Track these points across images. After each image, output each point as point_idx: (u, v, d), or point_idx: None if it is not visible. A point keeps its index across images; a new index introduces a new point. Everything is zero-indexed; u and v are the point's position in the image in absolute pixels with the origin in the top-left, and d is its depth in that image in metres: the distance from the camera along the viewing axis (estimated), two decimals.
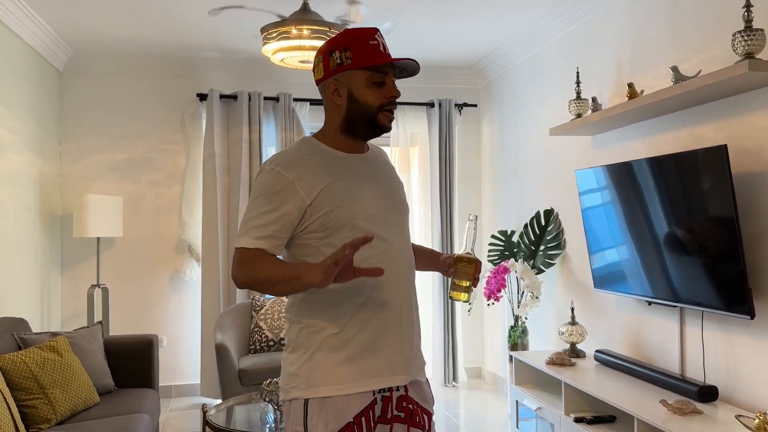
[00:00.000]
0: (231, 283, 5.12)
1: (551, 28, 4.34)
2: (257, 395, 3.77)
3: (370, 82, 1.60)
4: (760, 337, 2.66)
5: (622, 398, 2.89)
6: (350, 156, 1.67)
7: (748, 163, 2.72)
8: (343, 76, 1.61)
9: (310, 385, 1.57)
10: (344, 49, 1.60)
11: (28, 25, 4.19)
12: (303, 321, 1.61)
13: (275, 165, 1.58)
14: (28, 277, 4.34)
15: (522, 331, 4.46)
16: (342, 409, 1.55)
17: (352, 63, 1.59)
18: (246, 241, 1.56)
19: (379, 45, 1.60)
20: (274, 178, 1.57)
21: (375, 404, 1.59)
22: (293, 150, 1.64)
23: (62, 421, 3.11)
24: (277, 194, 1.55)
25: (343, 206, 1.57)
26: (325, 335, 1.58)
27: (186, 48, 5.00)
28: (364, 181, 1.64)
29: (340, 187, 1.59)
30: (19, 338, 3.34)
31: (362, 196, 1.62)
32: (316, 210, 1.56)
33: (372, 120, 1.62)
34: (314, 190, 1.56)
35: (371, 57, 1.58)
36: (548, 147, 4.51)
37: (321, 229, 1.57)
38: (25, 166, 4.29)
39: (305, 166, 1.59)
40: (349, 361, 1.57)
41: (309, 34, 3.47)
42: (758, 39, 2.43)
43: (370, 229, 1.59)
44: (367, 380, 1.58)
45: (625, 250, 3.33)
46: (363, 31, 1.62)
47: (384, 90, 1.61)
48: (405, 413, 1.63)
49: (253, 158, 5.20)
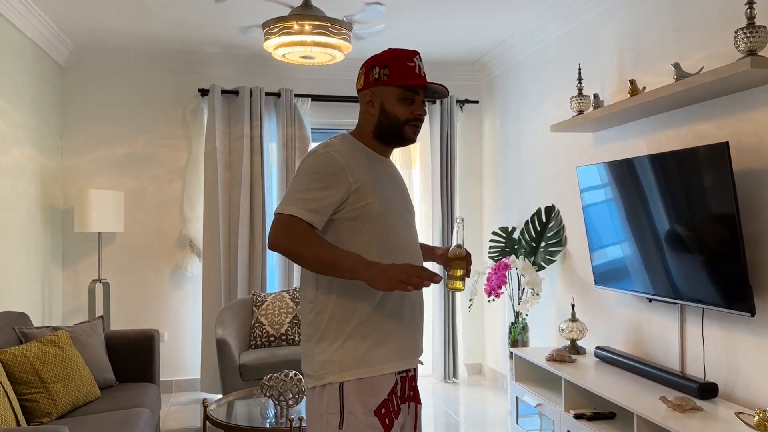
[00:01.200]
0: (232, 278, 5.13)
1: (553, 24, 4.33)
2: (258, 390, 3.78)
3: (401, 98, 1.79)
4: (760, 335, 2.66)
5: (622, 395, 2.89)
6: (380, 158, 1.86)
7: (749, 160, 2.71)
8: (378, 90, 1.80)
9: (344, 368, 1.70)
10: (383, 66, 1.79)
11: (30, 19, 4.19)
12: (331, 312, 1.74)
13: (329, 149, 1.74)
14: (29, 271, 4.35)
15: (522, 327, 4.46)
16: (377, 388, 1.71)
17: (389, 80, 1.78)
18: (296, 210, 1.67)
19: (416, 67, 1.80)
20: (328, 160, 1.72)
21: (397, 385, 1.77)
22: (341, 141, 1.80)
23: (63, 415, 3.12)
24: (329, 175, 1.70)
25: (378, 201, 1.75)
26: (354, 324, 1.72)
27: (188, 43, 5.00)
28: (391, 183, 1.85)
29: (377, 184, 1.77)
30: (21, 332, 3.35)
31: (390, 196, 1.81)
32: (358, 199, 1.72)
33: (399, 131, 1.81)
34: (359, 180, 1.72)
35: (406, 77, 1.78)
36: (550, 144, 4.50)
37: (353, 218, 1.73)
38: (26, 161, 4.29)
39: (353, 158, 1.76)
40: (376, 346, 1.73)
41: (310, 30, 3.47)
42: (761, 36, 2.43)
43: (394, 226, 1.78)
44: (394, 362, 1.75)
45: (626, 247, 3.33)
46: (404, 52, 1.81)
47: (413, 107, 1.80)
48: (414, 392, 1.86)
49: (255, 154, 5.20)
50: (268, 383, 3.35)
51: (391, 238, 1.78)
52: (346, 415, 1.68)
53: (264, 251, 5.19)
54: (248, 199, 5.18)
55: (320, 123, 5.56)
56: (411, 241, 1.86)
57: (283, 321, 4.64)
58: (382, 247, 1.74)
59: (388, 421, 1.71)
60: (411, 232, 1.88)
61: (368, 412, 1.68)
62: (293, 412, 3.35)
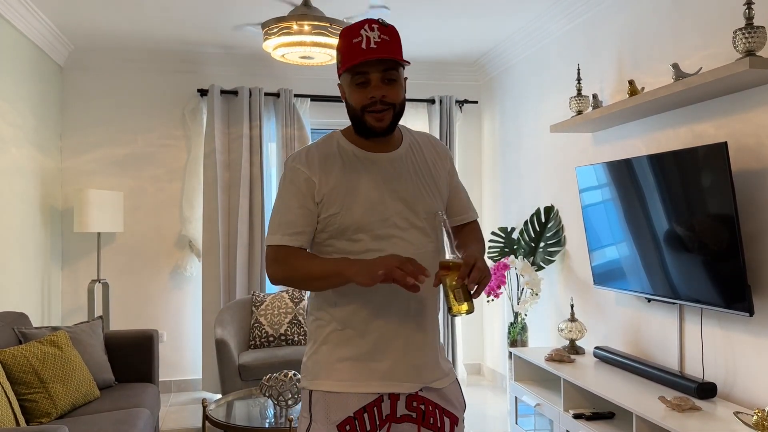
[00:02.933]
0: (231, 278, 5.13)
1: (553, 24, 4.34)
2: (257, 390, 3.78)
3: (354, 84, 1.55)
4: (759, 334, 2.66)
5: (621, 395, 2.90)
6: (372, 155, 1.62)
7: (748, 160, 2.72)
8: (342, 80, 1.61)
9: (313, 377, 1.61)
10: (338, 52, 1.60)
11: (29, 19, 4.19)
12: (315, 313, 1.66)
13: (295, 162, 1.61)
14: (28, 271, 4.35)
15: (521, 327, 4.47)
16: (342, 403, 1.56)
17: (341, 66, 1.57)
18: (276, 239, 1.58)
19: (362, 41, 1.50)
20: (293, 175, 1.59)
21: (381, 402, 1.57)
22: (314, 146, 1.64)
23: (62, 415, 3.12)
24: (298, 190, 1.58)
25: (349, 209, 1.55)
26: (330, 329, 1.61)
27: (187, 43, 5.00)
28: (380, 183, 1.59)
29: (350, 189, 1.57)
30: (20, 332, 3.35)
31: (374, 199, 1.57)
32: (324, 209, 1.57)
33: (360, 122, 1.58)
34: (325, 187, 1.57)
35: (349, 59, 1.53)
36: (549, 144, 4.51)
37: (326, 229, 1.58)
38: (25, 161, 4.29)
39: (322, 163, 1.59)
40: (351, 360, 1.58)
41: (310, 30, 3.47)
42: (759, 36, 2.43)
43: (378, 234, 1.56)
44: (368, 382, 1.57)
45: (624, 247, 3.33)
46: (352, 27, 1.55)
47: (367, 90, 1.54)
48: (417, 413, 1.60)
49: (254, 154, 5.20)
50: (267, 383, 3.35)
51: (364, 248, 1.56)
52: (313, 423, 1.58)
53: (263, 251, 5.19)
54: (247, 199, 5.18)
55: (319, 123, 5.57)
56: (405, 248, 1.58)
57: (282, 321, 4.64)
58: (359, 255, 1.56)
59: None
60: (409, 236, 1.59)
61: (332, 424, 1.55)
62: (292, 412, 3.35)
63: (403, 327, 1.59)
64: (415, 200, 1.61)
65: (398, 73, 1.56)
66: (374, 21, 1.54)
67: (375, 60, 1.50)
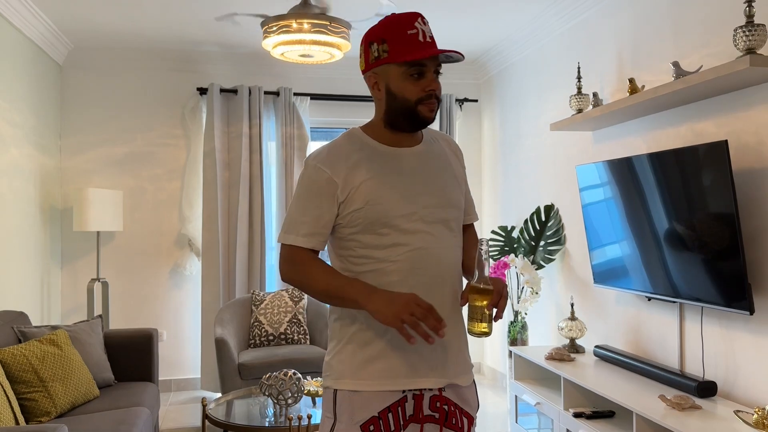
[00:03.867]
0: (231, 277, 5.12)
1: (553, 23, 4.33)
2: (257, 389, 3.78)
3: (407, 75, 1.53)
4: (759, 333, 2.66)
5: (621, 393, 2.89)
6: (395, 150, 1.61)
7: (748, 158, 2.71)
8: (381, 70, 1.56)
9: (338, 376, 1.59)
10: (381, 41, 1.54)
11: (29, 18, 4.19)
12: (337, 312, 1.64)
13: (316, 161, 1.58)
14: (28, 270, 4.34)
15: (522, 326, 4.46)
16: (367, 403, 1.56)
17: (389, 57, 1.53)
18: (293, 239, 1.57)
19: (419, 34, 1.52)
20: (315, 174, 1.57)
21: (405, 402, 1.57)
22: (336, 144, 1.62)
23: (62, 414, 3.12)
24: (319, 191, 1.55)
25: (376, 204, 1.54)
26: (355, 329, 1.59)
27: (186, 42, 4.99)
28: (406, 178, 1.59)
29: (376, 184, 1.55)
30: (19, 331, 3.34)
31: (400, 194, 1.56)
32: (347, 206, 1.55)
33: (412, 113, 1.56)
34: (349, 186, 1.54)
35: (408, 51, 1.51)
36: (549, 142, 4.50)
37: (351, 225, 1.56)
38: (25, 160, 4.29)
39: (345, 162, 1.57)
40: (376, 359, 1.56)
41: (309, 28, 3.47)
42: (760, 34, 2.43)
43: (409, 228, 1.55)
44: (392, 380, 1.56)
45: (625, 246, 3.33)
46: (402, 18, 1.54)
47: (423, 83, 1.54)
48: (439, 413, 1.59)
49: (254, 153, 5.20)
50: (267, 382, 3.35)
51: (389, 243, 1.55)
52: (337, 423, 1.57)
53: (263, 250, 5.18)
54: (247, 198, 5.18)
55: (319, 122, 5.56)
56: (432, 243, 1.58)
57: (282, 320, 4.64)
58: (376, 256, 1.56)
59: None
60: (437, 231, 1.59)
61: (356, 424, 1.55)
62: (292, 411, 3.34)
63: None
64: (441, 194, 1.62)
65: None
66: (421, 15, 1.56)
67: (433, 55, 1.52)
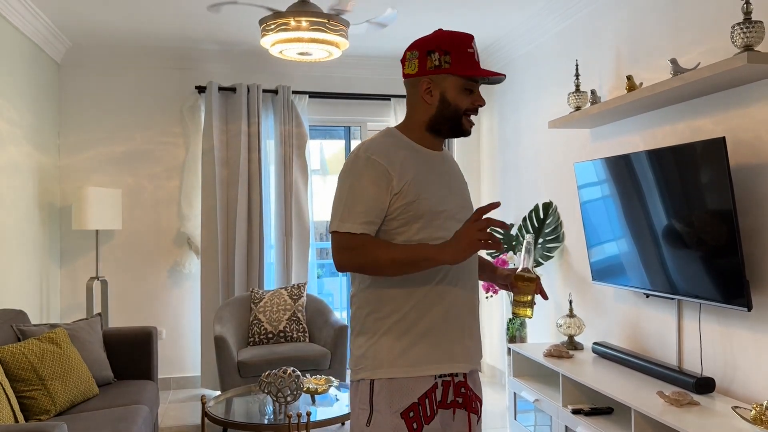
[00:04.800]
0: (230, 275, 5.13)
1: (551, 20, 4.33)
2: (256, 387, 3.79)
3: (463, 88, 1.69)
4: (757, 329, 2.67)
5: (619, 390, 2.90)
6: (430, 152, 1.75)
7: (746, 155, 2.72)
8: (438, 78, 1.69)
9: (376, 366, 1.65)
10: (445, 53, 1.67)
11: (26, 16, 4.18)
12: (370, 307, 1.69)
13: (370, 153, 1.65)
14: (27, 269, 4.34)
15: (520, 323, 4.47)
16: (406, 390, 1.64)
17: (451, 68, 1.67)
18: (352, 227, 1.62)
19: (475, 54, 1.70)
20: (370, 165, 1.64)
21: (436, 388, 1.67)
22: (382, 140, 1.70)
23: (61, 412, 3.12)
24: (374, 181, 1.62)
25: (424, 198, 1.65)
26: (391, 321, 1.66)
27: (185, 40, 4.99)
28: (442, 178, 1.73)
29: (423, 180, 1.67)
30: (19, 330, 3.35)
31: (440, 192, 1.70)
32: (400, 198, 1.63)
33: (458, 122, 1.71)
34: (402, 180, 1.64)
35: (470, 67, 1.68)
36: (547, 140, 4.51)
37: (400, 217, 1.64)
38: (23, 158, 4.29)
39: (395, 156, 1.66)
40: (413, 346, 1.65)
41: (308, 26, 3.47)
42: (757, 31, 2.43)
43: (443, 229, 1.67)
44: (429, 365, 1.66)
45: (623, 243, 3.34)
46: (462, 37, 1.69)
47: (473, 97, 1.71)
48: (463, 399, 1.72)
49: (252, 151, 5.20)
50: (266, 380, 3.36)
51: (432, 237, 1.66)
52: (375, 413, 1.63)
53: (262, 248, 5.18)
54: (246, 196, 5.18)
55: (318, 120, 5.56)
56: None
57: (281, 318, 4.65)
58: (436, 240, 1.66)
59: (416, 426, 1.63)
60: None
61: (395, 412, 1.62)
62: (291, 408, 3.35)
63: (461, 312, 1.71)
64: (463, 196, 1.80)
65: None
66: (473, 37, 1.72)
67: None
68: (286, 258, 5.24)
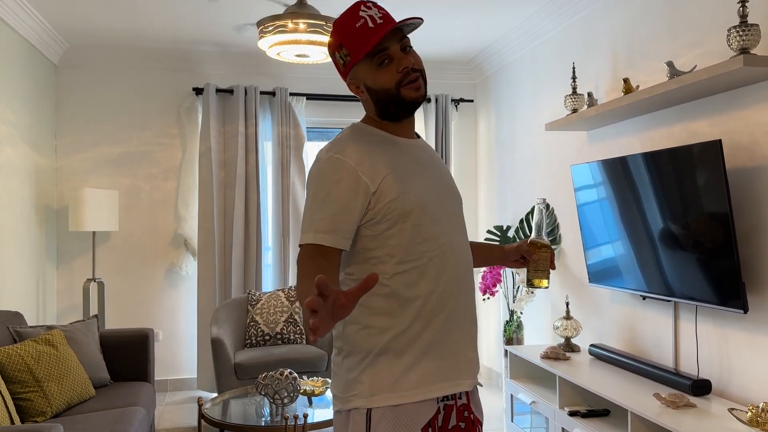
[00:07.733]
0: (227, 277, 5.12)
1: (548, 23, 4.34)
2: (253, 389, 3.78)
3: (375, 66, 1.47)
4: (753, 332, 2.67)
5: (616, 392, 2.90)
6: (403, 140, 1.55)
7: (742, 158, 2.73)
8: (353, 74, 1.51)
9: (374, 392, 1.42)
10: (340, 47, 1.49)
11: (23, 17, 4.18)
12: (362, 321, 1.46)
13: (333, 152, 1.45)
14: (23, 270, 4.34)
15: (517, 325, 4.47)
16: (410, 418, 1.42)
17: (352, 59, 1.47)
18: (312, 237, 1.40)
19: (366, 21, 1.44)
20: (333, 166, 1.43)
21: (438, 414, 1.48)
22: (348, 136, 1.51)
23: (58, 414, 3.11)
24: (338, 183, 1.41)
25: (407, 192, 1.45)
26: (388, 337, 1.43)
27: (182, 41, 4.99)
28: (422, 167, 1.53)
29: (402, 173, 1.47)
30: (15, 331, 3.34)
31: (422, 183, 1.50)
32: (381, 197, 1.43)
33: (397, 99, 1.48)
34: (378, 176, 1.43)
35: (363, 43, 1.44)
36: (544, 142, 4.51)
37: (385, 219, 1.43)
38: (20, 160, 4.28)
39: (365, 152, 1.46)
40: (413, 366, 1.43)
41: (305, 28, 3.47)
42: (753, 34, 2.44)
43: (430, 222, 1.47)
44: (435, 385, 1.45)
45: (619, 245, 3.34)
46: (346, 15, 1.47)
47: (394, 65, 1.47)
48: (466, 423, 1.53)
49: (249, 153, 5.20)
50: (263, 382, 3.35)
51: (425, 236, 1.46)
52: None
53: (259, 250, 5.18)
54: (243, 197, 5.18)
55: (315, 121, 5.57)
56: (454, 232, 1.52)
57: (278, 320, 4.64)
58: (413, 250, 1.44)
59: None
60: (454, 221, 1.54)
61: None
62: (288, 410, 3.35)
63: (461, 320, 1.51)
64: (451, 185, 1.60)
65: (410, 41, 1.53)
66: (365, 2, 1.49)
67: (390, 33, 1.45)
68: (283, 260, 5.24)
